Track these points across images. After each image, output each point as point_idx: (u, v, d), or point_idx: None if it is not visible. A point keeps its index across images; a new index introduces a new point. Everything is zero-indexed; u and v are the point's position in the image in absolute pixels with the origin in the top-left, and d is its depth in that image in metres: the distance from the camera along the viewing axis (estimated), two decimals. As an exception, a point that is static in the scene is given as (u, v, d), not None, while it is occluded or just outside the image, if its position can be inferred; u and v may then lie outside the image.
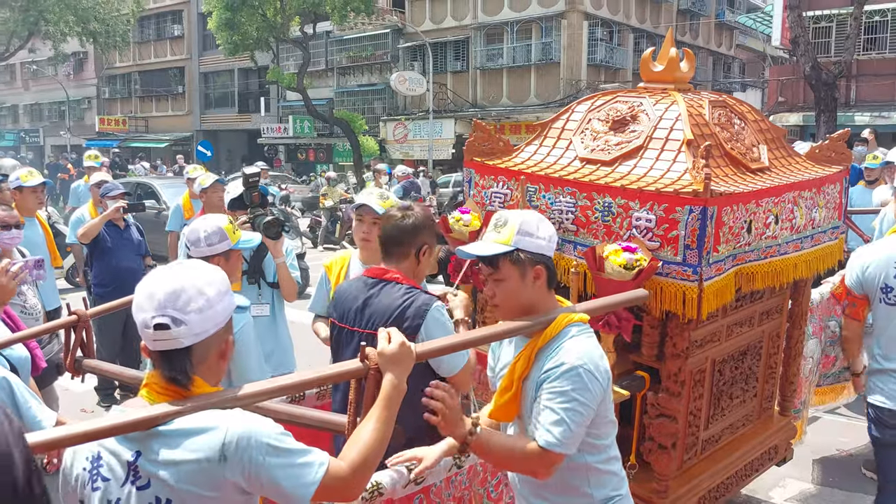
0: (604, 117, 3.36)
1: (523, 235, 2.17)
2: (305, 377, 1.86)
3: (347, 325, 2.81)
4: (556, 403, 2.06)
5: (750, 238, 3.07)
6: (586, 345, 2.13)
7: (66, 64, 40.22)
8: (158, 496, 1.58)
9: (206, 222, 3.10)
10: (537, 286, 2.19)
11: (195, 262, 1.78)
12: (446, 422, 1.98)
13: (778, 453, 4.08)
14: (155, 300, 1.64)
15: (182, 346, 1.65)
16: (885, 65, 21.65)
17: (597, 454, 2.21)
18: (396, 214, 2.81)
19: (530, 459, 2.08)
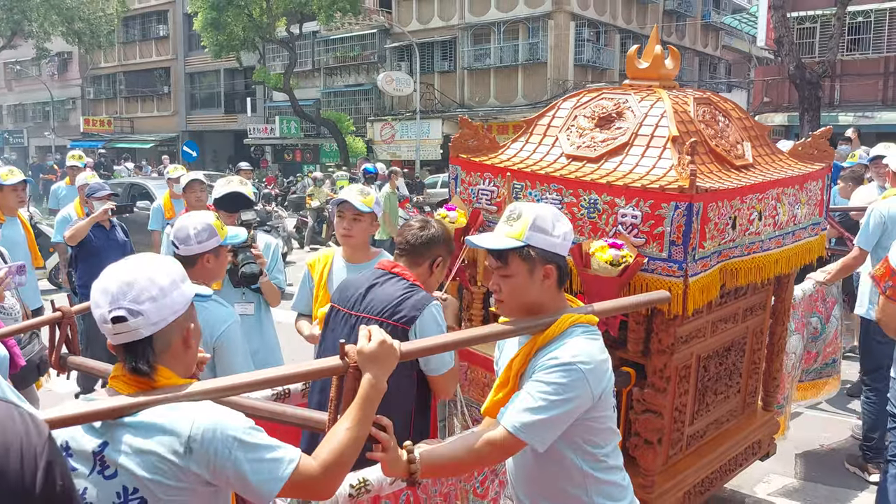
0: (589, 114, 3.37)
1: (536, 231, 2.08)
2: (282, 372, 1.85)
3: (346, 308, 2.90)
4: (535, 390, 1.97)
5: (734, 234, 3.09)
6: (588, 345, 2.03)
7: (51, 64, 40.01)
8: (125, 485, 1.60)
9: (194, 219, 3.08)
10: (546, 285, 2.10)
11: (147, 255, 1.80)
12: (386, 464, 1.90)
13: (761, 448, 4.11)
14: (109, 294, 1.66)
15: (142, 336, 1.66)
16: (869, 65, 21.86)
17: (595, 462, 2.11)
18: (415, 226, 2.94)
19: (484, 450, 1.98)
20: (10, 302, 4.39)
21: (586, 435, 2.07)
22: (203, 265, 3.09)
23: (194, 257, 3.05)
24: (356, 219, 3.60)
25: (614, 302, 2.42)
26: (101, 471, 1.61)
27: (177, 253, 3.06)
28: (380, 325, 2.82)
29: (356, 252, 3.72)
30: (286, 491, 1.63)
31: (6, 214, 5.74)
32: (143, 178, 15.66)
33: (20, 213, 5.99)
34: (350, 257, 3.74)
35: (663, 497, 3.34)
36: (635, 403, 3.21)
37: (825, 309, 5.08)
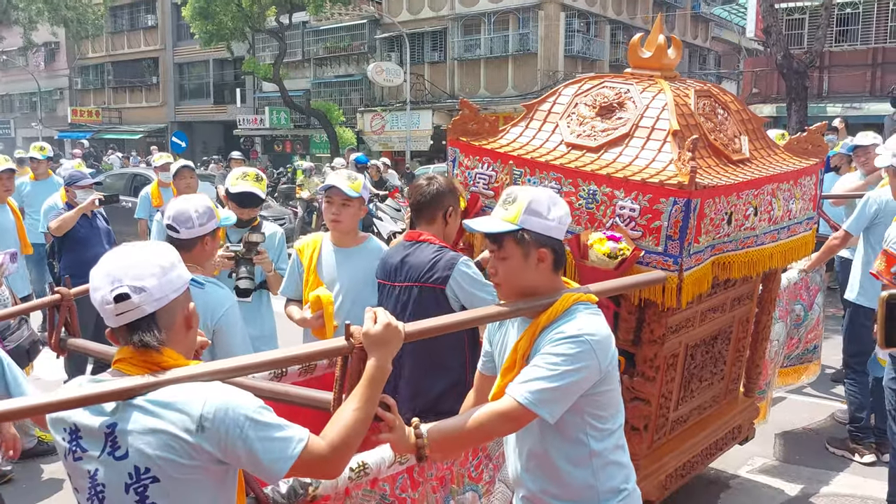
0: (591, 102, 3.37)
1: (530, 215, 2.08)
2: (289, 353, 1.89)
3: (388, 280, 3.24)
4: (542, 361, 1.97)
5: (729, 229, 3.13)
6: (594, 321, 2.05)
7: (38, 54, 39.60)
8: (137, 465, 1.62)
9: (194, 202, 3.08)
10: (541, 269, 2.10)
11: (141, 242, 1.84)
12: (394, 443, 1.94)
13: (741, 433, 4.21)
14: (110, 276, 1.69)
15: (146, 312, 1.69)
16: (857, 56, 22.01)
17: (602, 440, 2.10)
18: (422, 183, 3.19)
19: (492, 422, 1.98)
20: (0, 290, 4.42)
21: (593, 410, 2.07)
22: (202, 247, 3.10)
23: (194, 240, 3.05)
24: (345, 204, 3.64)
25: (612, 282, 2.46)
26: (111, 451, 1.63)
27: (175, 237, 3.04)
28: (419, 290, 3.06)
29: (345, 236, 3.76)
30: (295, 470, 1.66)
31: None
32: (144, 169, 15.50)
33: (10, 201, 6.00)
34: (339, 241, 3.78)
35: (646, 480, 3.41)
36: (624, 391, 3.23)
37: (808, 296, 5.17)
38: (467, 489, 2.67)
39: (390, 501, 2.35)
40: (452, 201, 3.20)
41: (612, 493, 2.11)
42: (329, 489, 2.14)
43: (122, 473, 1.63)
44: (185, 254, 3.06)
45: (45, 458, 4.97)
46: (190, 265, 3.06)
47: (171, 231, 3.07)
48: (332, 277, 3.72)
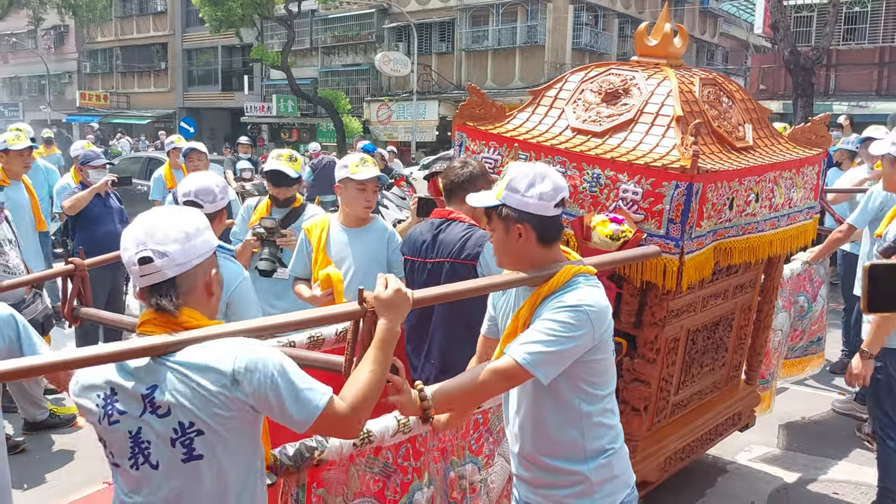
0: (596, 89, 3.43)
1: (511, 191, 2.18)
2: (306, 315, 1.98)
3: (419, 257, 3.36)
4: (541, 326, 2.07)
5: (731, 214, 3.18)
6: (593, 292, 2.14)
7: (47, 37, 39.61)
8: (181, 421, 1.71)
9: (211, 178, 3.19)
10: (521, 244, 2.19)
11: (173, 206, 1.92)
12: (401, 405, 2.07)
13: (741, 419, 4.28)
14: (136, 238, 1.77)
15: (166, 276, 1.77)
16: (864, 55, 21.99)
17: (593, 403, 2.20)
18: (456, 166, 3.31)
19: (490, 380, 2.09)
20: (14, 262, 4.51)
21: (587, 375, 2.16)
22: (219, 220, 3.20)
23: (214, 214, 3.13)
24: (375, 189, 3.83)
25: (609, 255, 2.56)
26: (153, 411, 1.71)
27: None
28: (450, 266, 3.19)
29: (357, 216, 3.88)
30: (317, 426, 1.75)
31: (11, 178, 5.84)
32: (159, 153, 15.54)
33: (25, 178, 6.09)
34: (347, 222, 3.88)
35: (646, 461, 3.49)
36: (625, 373, 3.33)
37: (812, 288, 5.23)
38: (467, 461, 2.75)
39: (393, 469, 2.43)
40: (484, 184, 3.26)
41: (598, 452, 2.22)
42: (334, 454, 2.21)
43: (168, 429, 1.71)
44: None
45: (57, 430, 5.07)
46: None
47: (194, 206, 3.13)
48: (342, 256, 3.81)
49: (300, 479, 2.17)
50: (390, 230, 3.93)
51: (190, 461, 1.73)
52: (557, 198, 2.20)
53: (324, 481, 2.24)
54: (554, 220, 2.22)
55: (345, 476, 2.29)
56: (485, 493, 2.83)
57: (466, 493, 2.74)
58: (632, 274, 3.08)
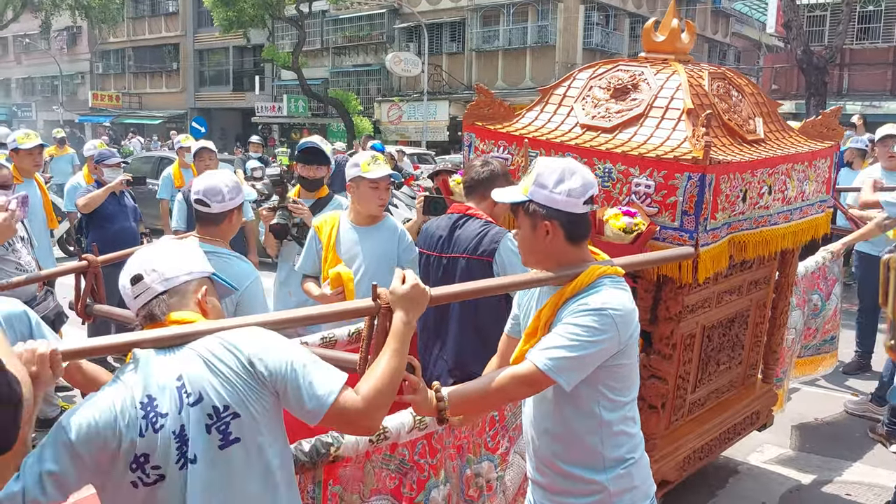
0: (605, 85, 3.42)
1: (538, 187, 2.11)
2: (320, 310, 1.97)
3: (435, 252, 3.36)
4: (564, 331, 2.00)
5: (744, 207, 3.16)
6: (618, 294, 2.07)
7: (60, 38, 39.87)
8: (215, 405, 1.70)
9: (223, 177, 3.14)
10: (548, 241, 2.12)
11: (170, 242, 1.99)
12: (416, 404, 2.01)
13: (759, 419, 4.23)
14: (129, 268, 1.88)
15: (157, 292, 1.84)
16: (878, 54, 21.83)
17: (613, 411, 2.13)
18: (476, 164, 3.33)
19: (510, 385, 2.03)
20: (26, 259, 4.52)
21: (609, 381, 2.10)
22: (230, 221, 3.16)
23: (223, 214, 3.11)
24: (386, 188, 3.81)
25: (639, 256, 2.50)
26: (187, 402, 1.69)
27: (206, 211, 3.10)
28: (465, 262, 3.19)
29: (369, 215, 3.86)
30: (331, 418, 1.72)
31: (24, 177, 5.89)
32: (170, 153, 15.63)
33: (37, 176, 6.13)
34: (358, 220, 3.86)
35: (664, 460, 3.46)
36: (641, 370, 3.27)
37: (826, 286, 5.19)
38: (483, 459, 2.73)
39: (409, 466, 2.41)
40: (504, 184, 3.27)
41: (617, 461, 2.15)
42: (350, 451, 2.20)
43: (203, 415, 1.69)
44: (214, 228, 3.14)
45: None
46: (217, 240, 3.14)
47: (201, 206, 3.10)
48: (352, 255, 3.80)
49: (316, 476, 2.15)
50: (401, 229, 3.90)
51: (227, 447, 1.71)
52: (587, 194, 2.13)
53: (340, 478, 2.22)
54: (583, 217, 2.15)
55: (361, 473, 2.27)
56: (501, 491, 2.80)
57: (483, 490, 2.72)
58: (647, 269, 3.05)
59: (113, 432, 1.64)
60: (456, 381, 3.30)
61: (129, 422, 1.65)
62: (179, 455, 1.69)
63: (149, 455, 1.67)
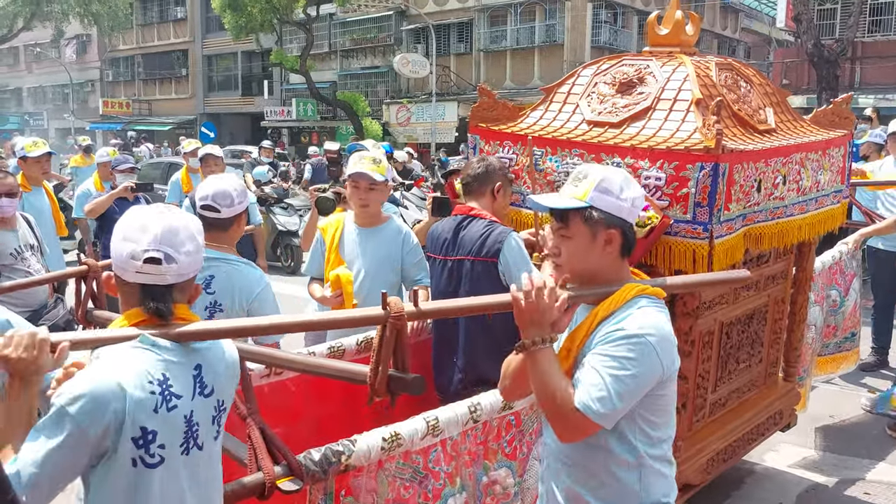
0: (610, 80, 3.37)
1: (601, 193, 1.96)
2: (327, 317, 1.92)
3: (441, 255, 3.39)
4: (602, 365, 1.83)
5: (759, 198, 3.10)
6: (656, 317, 1.91)
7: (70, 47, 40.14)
8: (219, 398, 1.83)
9: (229, 181, 3.08)
10: (607, 252, 1.97)
11: (177, 209, 1.85)
12: (534, 312, 1.84)
13: (782, 419, 4.13)
14: (150, 234, 1.72)
15: (167, 282, 1.75)
16: (890, 47, 21.57)
17: (652, 447, 1.97)
18: (473, 162, 3.39)
19: (564, 410, 1.84)
20: (35, 267, 4.50)
21: (647, 413, 1.94)
22: (238, 225, 3.11)
23: (232, 219, 3.06)
24: (371, 188, 3.69)
25: (691, 277, 2.38)
26: (201, 391, 1.77)
27: (215, 217, 3.00)
28: (471, 263, 3.19)
29: (370, 219, 3.80)
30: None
31: (31, 184, 5.89)
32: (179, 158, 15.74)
33: (45, 184, 6.13)
34: (361, 222, 3.81)
35: (688, 462, 3.38)
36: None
37: (844, 282, 5.08)
38: (501, 465, 2.66)
39: (423, 474, 2.35)
40: (501, 179, 3.35)
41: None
42: (362, 459, 2.15)
43: (210, 407, 1.80)
44: (223, 233, 3.08)
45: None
46: (224, 246, 3.09)
47: (210, 211, 3.01)
48: (353, 256, 3.76)
49: (327, 487, 2.10)
50: (405, 231, 3.84)
51: (217, 438, 1.84)
52: (641, 205, 2.05)
53: (352, 488, 2.16)
54: (633, 230, 2.03)
55: (374, 483, 2.21)
56: (520, 499, 2.72)
57: (500, 499, 2.65)
58: (660, 263, 2.98)
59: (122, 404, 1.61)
60: (465, 382, 3.25)
61: (142, 395, 1.64)
62: (185, 439, 1.72)
63: (157, 433, 1.66)
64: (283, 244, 10.87)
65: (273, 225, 10.75)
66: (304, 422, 3.05)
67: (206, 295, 2.98)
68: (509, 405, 2.57)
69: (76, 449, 1.57)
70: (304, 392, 3.07)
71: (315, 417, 3.09)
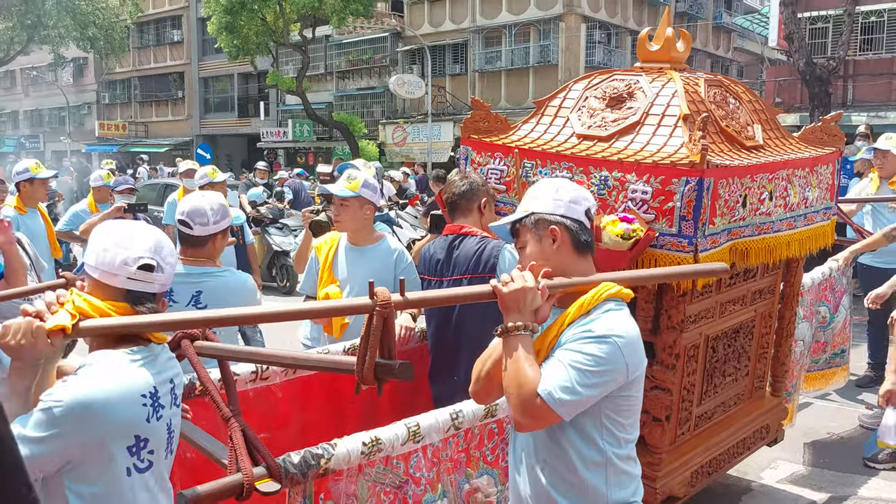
0: (600, 95, 3.40)
1: (535, 199, 2.11)
2: (313, 306, 1.93)
3: (435, 276, 3.36)
4: (569, 360, 1.90)
5: (745, 213, 3.11)
6: (624, 321, 1.98)
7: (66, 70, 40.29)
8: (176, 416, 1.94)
9: (209, 199, 3.11)
10: (557, 249, 2.06)
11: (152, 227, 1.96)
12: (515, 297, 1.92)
13: (769, 433, 4.13)
14: (144, 242, 1.83)
15: (153, 290, 1.84)
16: (882, 65, 21.75)
17: (618, 447, 2.02)
18: (456, 180, 3.40)
19: (527, 395, 1.89)
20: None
21: (613, 413, 2.00)
22: (213, 244, 3.13)
23: (206, 237, 3.08)
24: (342, 204, 3.72)
25: (668, 269, 2.45)
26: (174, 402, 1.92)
27: (188, 233, 3.07)
28: (468, 283, 3.15)
29: (358, 235, 3.80)
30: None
31: (28, 206, 5.90)
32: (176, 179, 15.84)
33: (41, 207, 6.14)
34: (353, 240, 3.82)
35: (671, 475, 3.38)
36: (644, 381, 3.23)
37: (834, 298, 5.09)
38: (483, 473, 2.66)
39: (404, 480, 2.36)
40: (485, 195, 3.39)
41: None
42: (342, 463, 2.16)
43: (178, 417, 1.92)
44: (197, 250, 3.11)
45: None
46: (202, 260, 3.10)
47: (184, 227, 3.08)
48: (345, 275, 3.75)
49: (307, 490, 2.11)
50: (398, 250, 3.82)
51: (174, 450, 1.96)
52: (585, 204, 2.13)
53: (331, 492, 2.17)
54: (584, 226, 2.11)
55: (354, 487, 2.22)
56: (503, 506, 2.72)
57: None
58: (648, 281, 2.98)
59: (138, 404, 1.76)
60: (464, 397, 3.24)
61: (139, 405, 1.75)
62: (167, 444, 1.87)
63: (148, 440, 1.79)
64: (279, 264, 10.88)
65: (269, 245, 10.76)
66: (290, 427, 3.06)
67: (198, 310, 2.99)
68: (491, 413, 2.59)
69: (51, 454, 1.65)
70: (289, 397, 3.08)
71: (301, 422, 3.10)
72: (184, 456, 2.49)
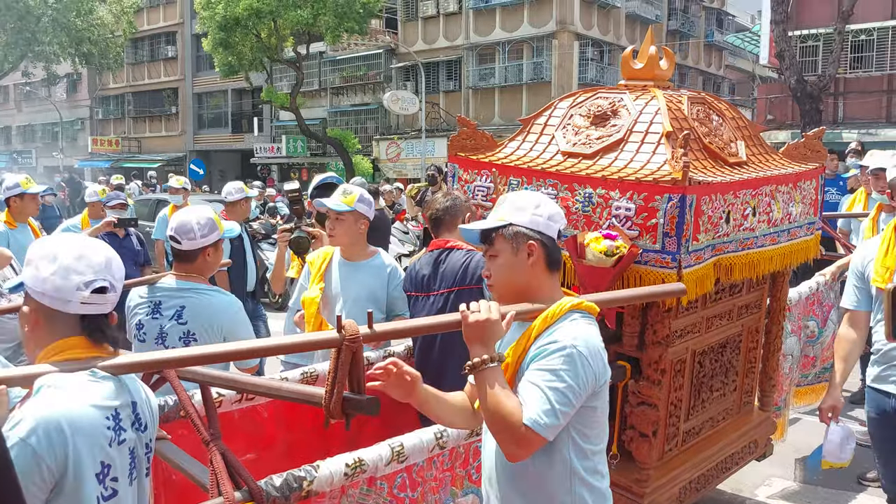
0: (585, 112, 3.44)
1: (518, 210, 2.11)
2: (281, 341, 1.92)
3: (422, 292, 3.39)
4: (541, 380, 1.91)
5: (728, 229, 3.14)
6: (586, 329, 2.00)
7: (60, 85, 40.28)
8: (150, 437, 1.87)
9: (197, 213, 3.11)
10: (531, 264, 2.08)
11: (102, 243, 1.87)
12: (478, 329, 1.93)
13: (758, 448, 4.13)
14: (92, 262, 1.74)
15: (106, 311, 1.78)
16: (872, 82, 21.95)
17: (584, 459, 2.04)
18: (438, 198, 3.46)
19: (514, 427, 1.87)
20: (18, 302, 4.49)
21: (580, 425, 2.01)
22: (204, 259, 3.13)
23: (196, 252, 3.08)
24: (338, 219, 3.70)
25: (632, 291, 2.46)
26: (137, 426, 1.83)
27: (177, 248, 3.08)
28: (455, 295, 3.19)
29: (351, 250, 3.80)
30: None
31: (19, 221, 5.88)
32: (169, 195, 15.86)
33: (31, 221, 6.13)
34: (346, 255, 3.82)
35: (658, 491, 3.37)
36: (631, 396, 3.25)
37: (822, 313, 5.10)
38: (468, 492, 2.65)
39: (388, 501, 2.34)
40: (468, 209, 3.44)
41: None
42: (324, 484, 2.14)
43: (143, 444, 1.83)
44: (188, 265, 3.11)
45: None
46: (194, 276, 3.10)
47: (174, 242, 3.08)
48: (336, 290, 3.75)
49: None
50: (391, 267, 3.82)
51: (147, 475, 1.88)
52: (560, 223, 2.17)
53: None
54: (556, 244, 2.15)
55: None
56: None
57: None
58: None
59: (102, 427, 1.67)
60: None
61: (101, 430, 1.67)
62: (131, 470, 1.77)
63: (111, 466, 1.69)
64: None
65: (261, 261, 10.74)
66: (276, 447, 3.05)
67: (179, 325, 3.00)
68: (476, 431, 2.57)
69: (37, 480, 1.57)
70: (275, 417, 3.07)
71: (286, 442, 3.10)
72: (170, 478, 2.48)
